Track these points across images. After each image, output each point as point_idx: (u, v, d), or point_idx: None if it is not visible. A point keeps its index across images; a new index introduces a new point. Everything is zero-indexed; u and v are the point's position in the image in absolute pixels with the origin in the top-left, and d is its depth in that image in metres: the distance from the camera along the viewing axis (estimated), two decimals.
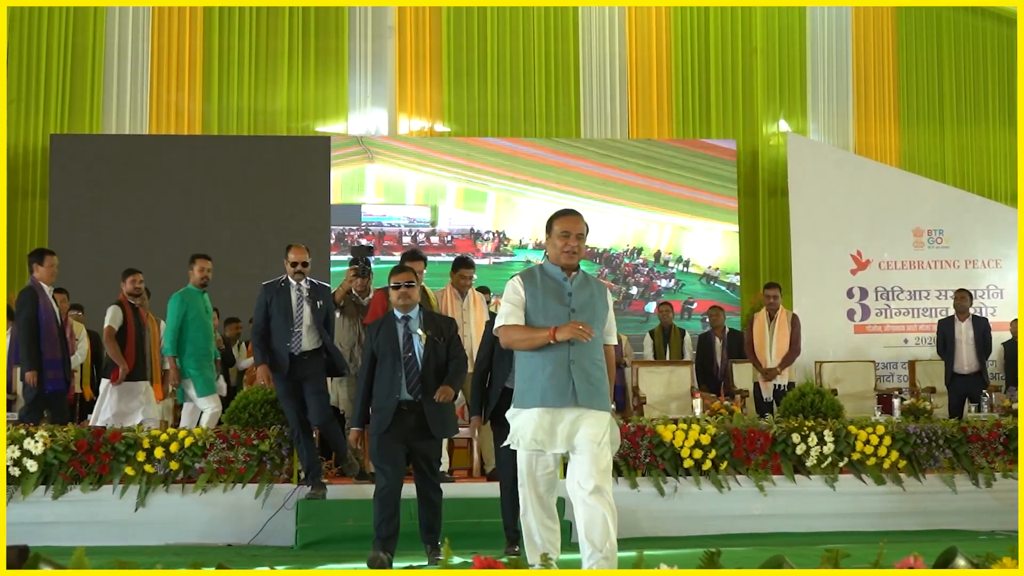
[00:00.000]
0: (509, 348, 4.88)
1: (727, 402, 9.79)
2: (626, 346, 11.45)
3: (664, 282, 13.67)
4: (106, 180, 12.84)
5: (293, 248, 7.35)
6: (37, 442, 7.08)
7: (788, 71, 14.40)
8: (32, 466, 7.04)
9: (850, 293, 12.81)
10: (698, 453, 7.48)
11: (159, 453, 7.20)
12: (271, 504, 7.10)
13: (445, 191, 13.51)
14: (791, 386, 9.43)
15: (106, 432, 7.27)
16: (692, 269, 13.78)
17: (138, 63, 13.45)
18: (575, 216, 4.77)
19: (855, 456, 7.68)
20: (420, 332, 5.91)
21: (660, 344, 11.81)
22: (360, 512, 6.60)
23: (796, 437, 7.60)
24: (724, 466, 7.53)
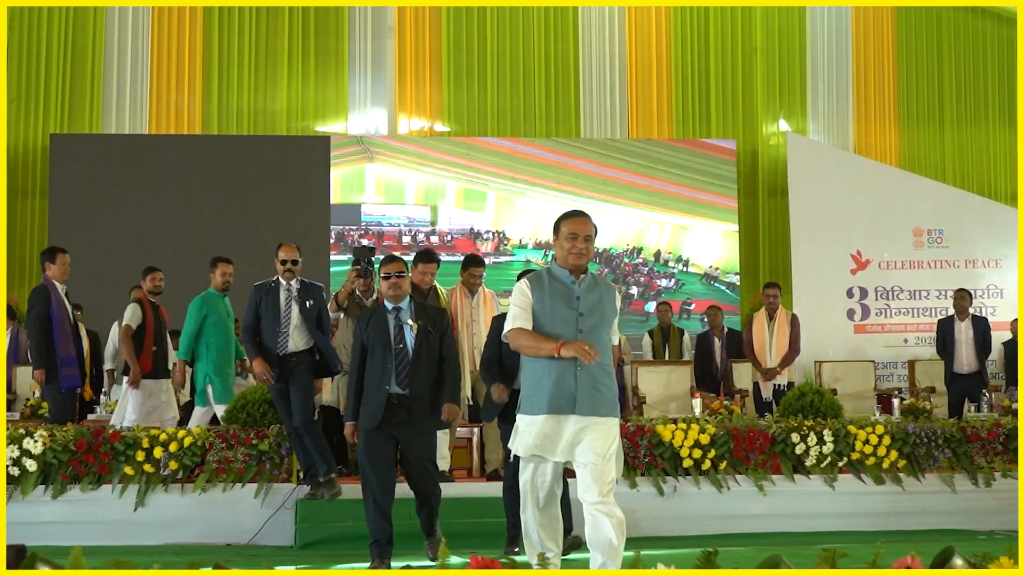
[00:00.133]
0: (517, 352, 4.77)
1: (727, 402, 9.80)
2: (624, 345, 11.45)
3: (664, 282, 13.67)
4: (106, 180, 12.84)
5: (283, 246, 7.20)
6: (36, 442, 7.09)
7: (788, 71, 14.40)
8: (31, 466, 7.04)
9: (850, 293, 12.81)
10: (697, 453, 7.49)
11: (158, 453, 7.21)
12: (270, 504, 7.10)
13: (445, 191, 13.51)
14: (791, 386, 9.42)
15: (105, 432, 7.28)
16: (692, 269, 13.78)
17: (138, 63, 13.45)
18: (583, 217, 4.62)
19: (854, 456, 7.69)
20: (411, 323, 5.78)
21: (659, 344, 11.81)
22: (359, 512, 6.58)
23: (795, 437, 7.60)
24: (723, 466, 7.53)
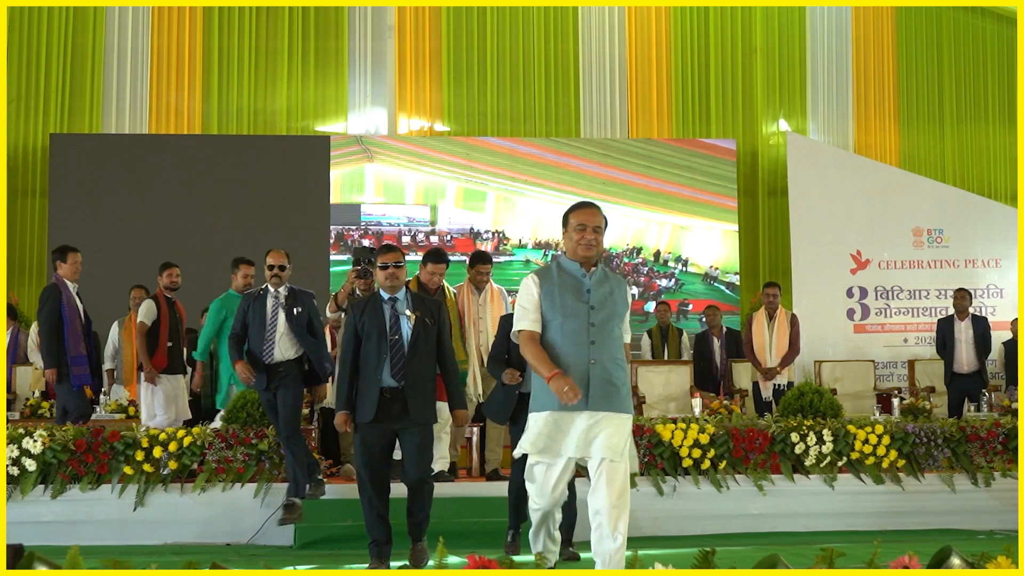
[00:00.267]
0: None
1: (726, 402, 9.81)
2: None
3: (664, 282, 13.67)
4: (106, 180, 12.84)
5: (271, 252, 7.04)
6: (36, 441, 7.09)
7: (788, 71, 14.39)
8: (31, 465, 7.05)
9: (850, 292, 12.81)
10: (697, 452, 7.49)
11: (158, 452, 7.21)
12: (270, 503, 7.10)
13: (445, 191, 13.51)
14: (790, 385, 9.43)
15: (104, 431, 7.28)
16: (692, 269, 13.77)
17: (138, 63, 13.45)
18: (591, 208, 4.56)
19: (854, 456, 7.68)
20: (408, 313, 5.68)
21: (658, 344, 11.82)
22: (359, 512, 6.58)
23: (795, 436, 7.60)
24: (723, 465, 7.53)
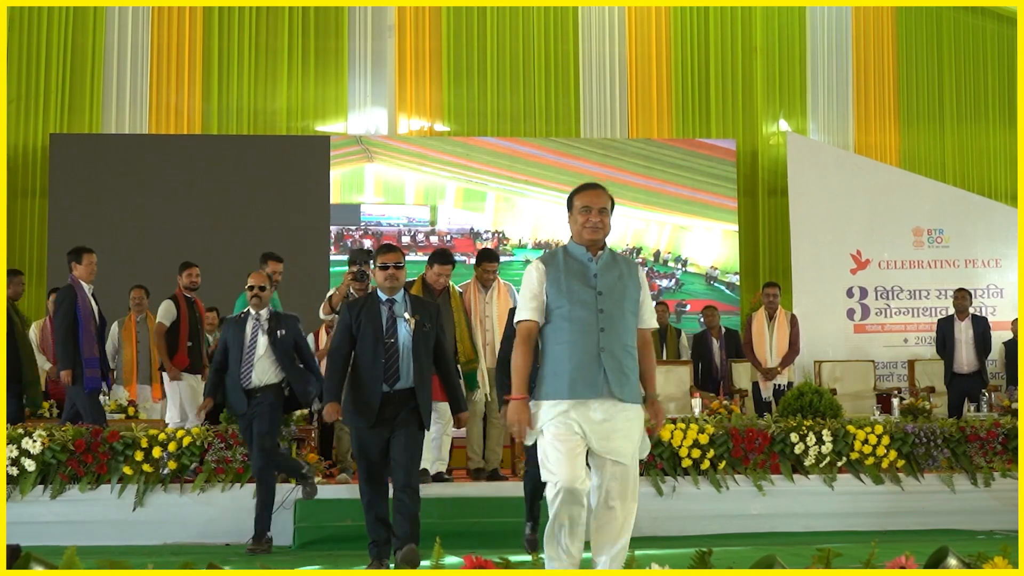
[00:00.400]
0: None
1: (726, 402, 9.81)
2: None
3: (664, 282, 13.65)
4: (106, 180, 12.82)
5: (252, 273, 6.94)
6: (35, 441, 7.09)
7: (788, 71, 14.38)
8: (30, 465, 7.05)
9: (850, 292, 12.80)
10: (696, 453, 7.49)
11: (157, 453, 7.22)
12: None
13: (444, 191, 13.50)
14: (790, 386, 9.44)
15: (104, 432, 7.28)
16: (691, 269, 13.76)
17: (138, 63, 13.43)
18: (596, 188, 4.36)
19: (853, 456, 7.69)
20: (407, 316, 5.59)
21: (656, 344, 11.80)
22: (358, 511, 6.58)
23: (794, 437, 7.60)
24: (723, 466, 7.54)
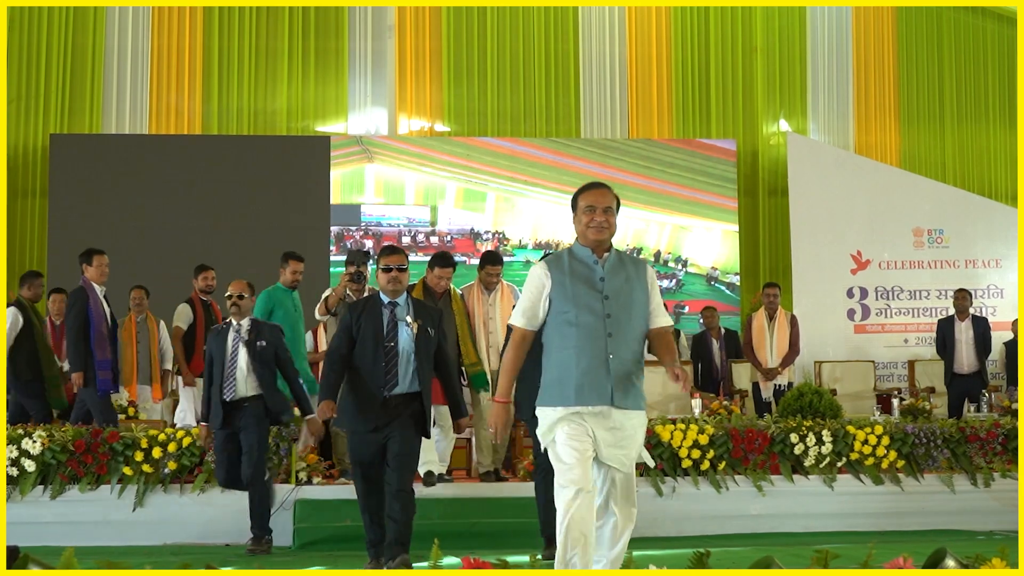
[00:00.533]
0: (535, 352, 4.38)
1: (726, 402, 9.80)
2: None
3: (665, 282, 13.64)
4: (106, 180, 12.82)
5: (232, 282, 6.81)
6: (35, 442, 7.10)
7: (788, 71, 14.37)
8: (30, 466, 7.06)
9: (850, 293, 12.80)
10: (696, 453, 7.49)
11: (157, 453, 7.22)
12: None
13: (445, 191, 13.50)
14: (791, 386, 9.43)
15: (104, 432, 7.28)
16: (692, 269, 13.76)
17: (138, 63, 13.44)
18: (601, 188, 4.26)
19: (853, 456, 7.69)
20: (409, 320, 5.53)
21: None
22: (358, 512, 6.59)
23: (794, 437, 7.60)
24: (722, 466, 7.54)
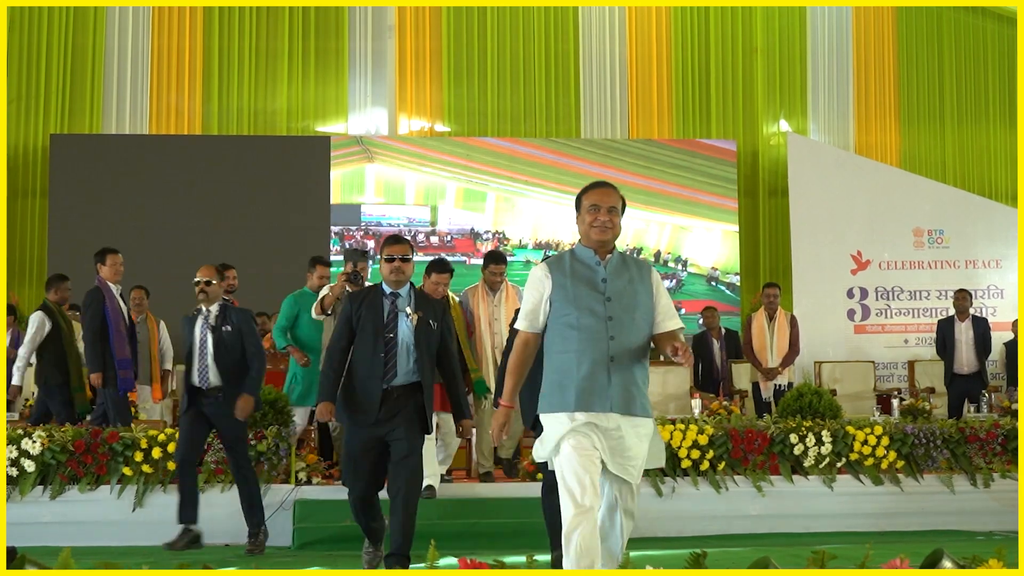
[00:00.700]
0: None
1: (726, 402, 9.81)
2: None
3: (665, 283, 13.59)
4: (106, 180, 12.84)
5: (200, 268, 6.63)
6: (35, 442, 7.10)
7: (788, 71, 14.38)
8: (30, 466, 7.06)
9: (850, 293, 12.80)
10: (696, 453, 7.49)
11: (156, 453, 7.22)
12: (269, 504, 7.07)
13: (445, 191, 13.51)
14: (791, 386, 9.43)
15: (103, 432, 7.28)
16: (692, 269, 13.77)
17: (138, 63, 13.45)
18: (605, 187, 4.16)
19: (853, 456, 7.69)
20: (409, 311, 5.37)
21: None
22: None
23: (794, 438, 7.60)
24: (722, 466, 7.54)
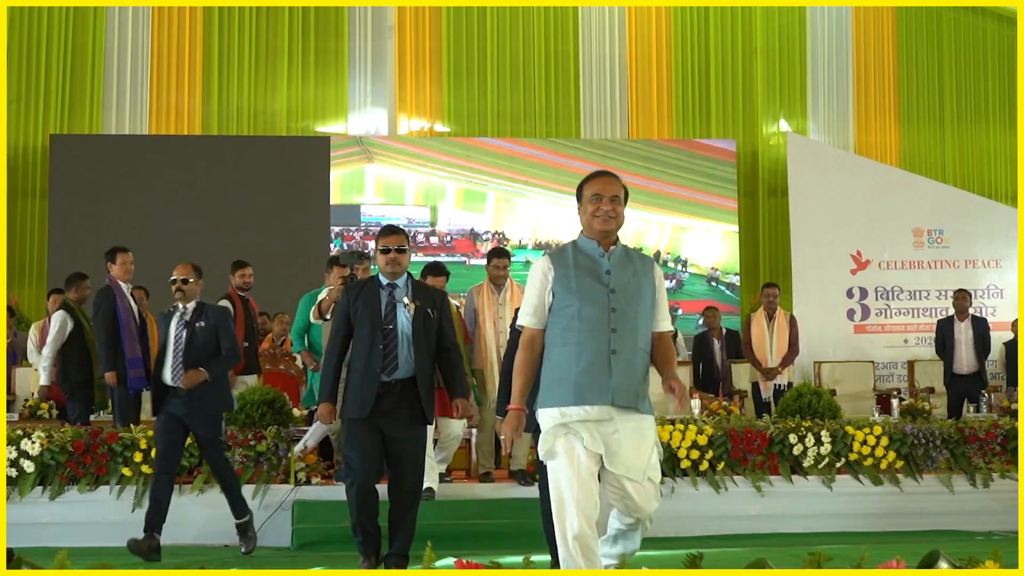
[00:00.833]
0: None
1: (726, 402, 9.81)
2: None
3: (665, 283, 13.65)
4: (106, 180, 12.86)
5: (177, 266, 6.55)
6: (34, 443, 7.10)
7: (788, 71, 14.38)
8: (29, 467, 7.06)
9: (850, 293, 12.80)
10: (695, 454, 7.48)
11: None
12: (268, 505, 7.09)
13: (444, 191, 13.52)
14: (790, 386, 9.43)
15: (103, 433, 7.28)
16: (692, 270, 13.77)
17: (138, 63, 13.47)
18: (607, 176, 4.08)
19: (852, 457, 7.68)
20: (407, 301, 5.29)
21: None
22: None
23: (793, 438, 7.60)
24: (721, 467, 7.53)
